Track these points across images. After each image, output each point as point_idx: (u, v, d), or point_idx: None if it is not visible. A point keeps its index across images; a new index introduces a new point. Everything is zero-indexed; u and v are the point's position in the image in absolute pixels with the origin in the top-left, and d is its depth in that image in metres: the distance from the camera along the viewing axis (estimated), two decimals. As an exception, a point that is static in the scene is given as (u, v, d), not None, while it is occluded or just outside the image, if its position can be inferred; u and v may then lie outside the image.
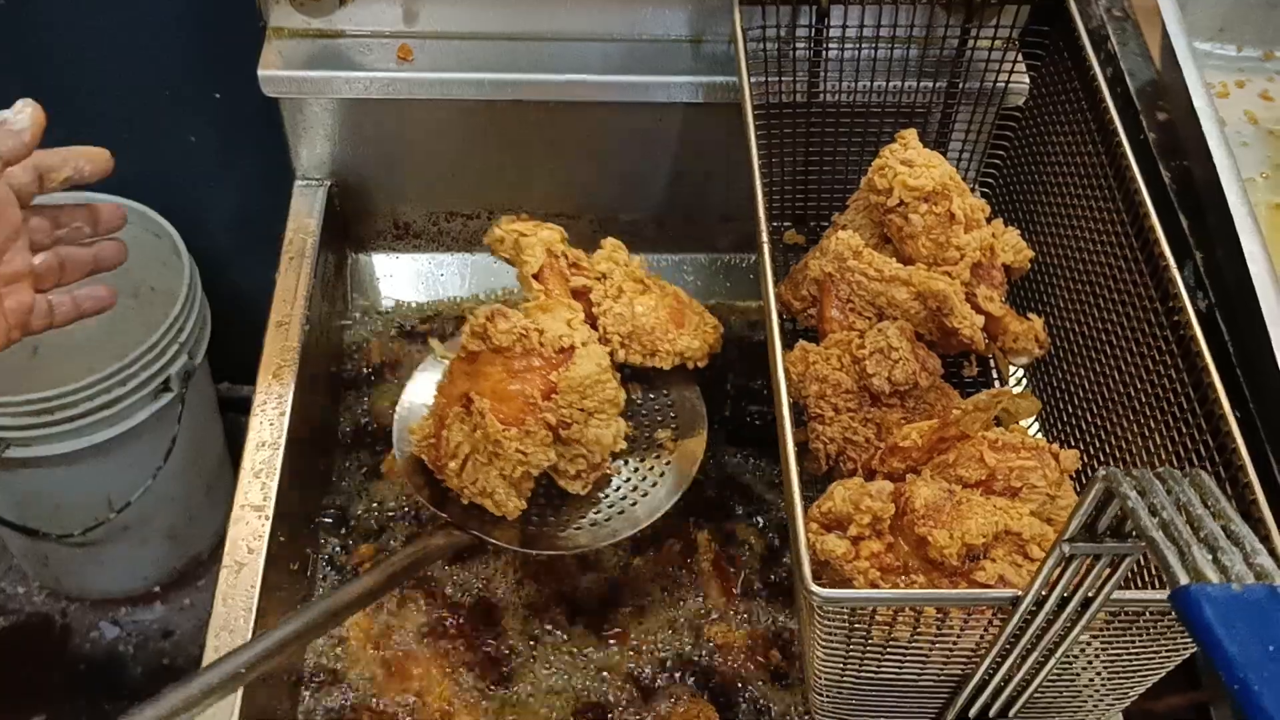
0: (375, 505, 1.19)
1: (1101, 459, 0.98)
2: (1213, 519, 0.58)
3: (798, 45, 1.13)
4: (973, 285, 1.02)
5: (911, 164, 1.03)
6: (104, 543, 1.81)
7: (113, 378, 1.52)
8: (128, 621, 2.02)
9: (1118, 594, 0.71)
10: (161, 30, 1.42)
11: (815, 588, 0.73)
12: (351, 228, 1.35)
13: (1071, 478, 0.91)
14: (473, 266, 1.38)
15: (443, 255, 1.39)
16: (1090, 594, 0.71)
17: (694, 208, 1.36)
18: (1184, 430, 0.87)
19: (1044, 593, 0.71)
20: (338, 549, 1.15)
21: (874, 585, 0.84)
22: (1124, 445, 0.96)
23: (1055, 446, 0.90)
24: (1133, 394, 0.95)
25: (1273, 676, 0.47)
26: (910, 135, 1.06)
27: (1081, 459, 0.95)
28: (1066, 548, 0.67)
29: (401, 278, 1.38)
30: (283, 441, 1.09)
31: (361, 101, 1.21)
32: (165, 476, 1.68)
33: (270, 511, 1.05)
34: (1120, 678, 0.85)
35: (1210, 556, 0.55)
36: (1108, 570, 0.69)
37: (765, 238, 0.91)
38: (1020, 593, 0.72)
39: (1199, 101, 1.19)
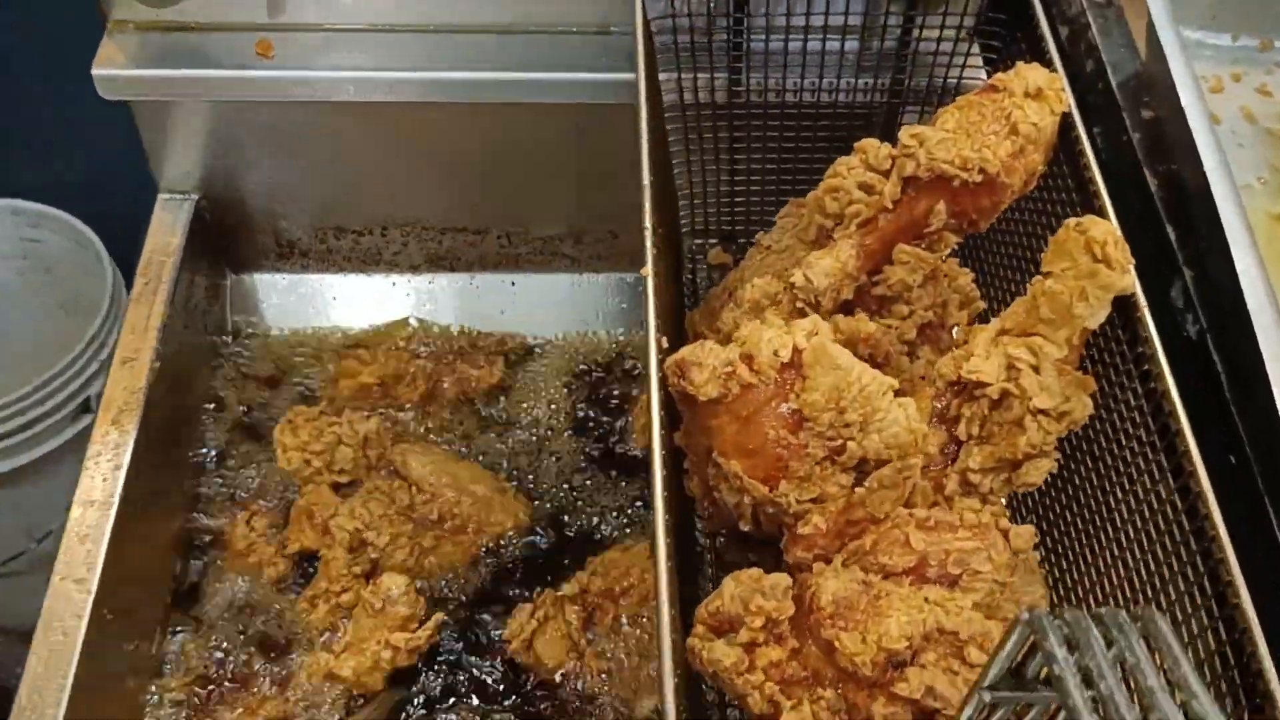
0: (230, 582, 1.03)
1: (1062, 533, 0.82)
2: (1158, 674, 0.43)
3: (717, 36, 0.97)
4: (916, 347, 0.87)
5: (872, 190, 0.87)
6: (26, 574, 1.67)
7: (29, 398, 1.40)
8: (56, 654, 1.90)
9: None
10: (72, 32, 1.27)
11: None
12: (229, 246, 1.20)
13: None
14: (367, 289, 1.23)
15: (333, 276, 1.23)
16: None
17: (619, 221, 1.20)
18: (1156, 494, 0.72)
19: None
20: (188, 631, 1.00)
21: (773, 703, 0.68)
22: (1087, 515, 0.80)
23: (1004, 522, 0.74)
24: (1099, 452, 0.79)
25: None
26: (870, 146, 0.89)
27: (1038, 535, 0.79)
28: (987, 695, 0.51)
29: (287, 302, 1.22)
30: (115, 501, 0.95)
31: (224, 104, 1.06)
32: (88, 505, 1.56)
33: (94, 585, 0.90)
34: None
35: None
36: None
37: (650, 263, 0.76)
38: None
39: (1186, 97, 1.05)
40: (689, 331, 0.99)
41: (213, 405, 1.13)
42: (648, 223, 0.77)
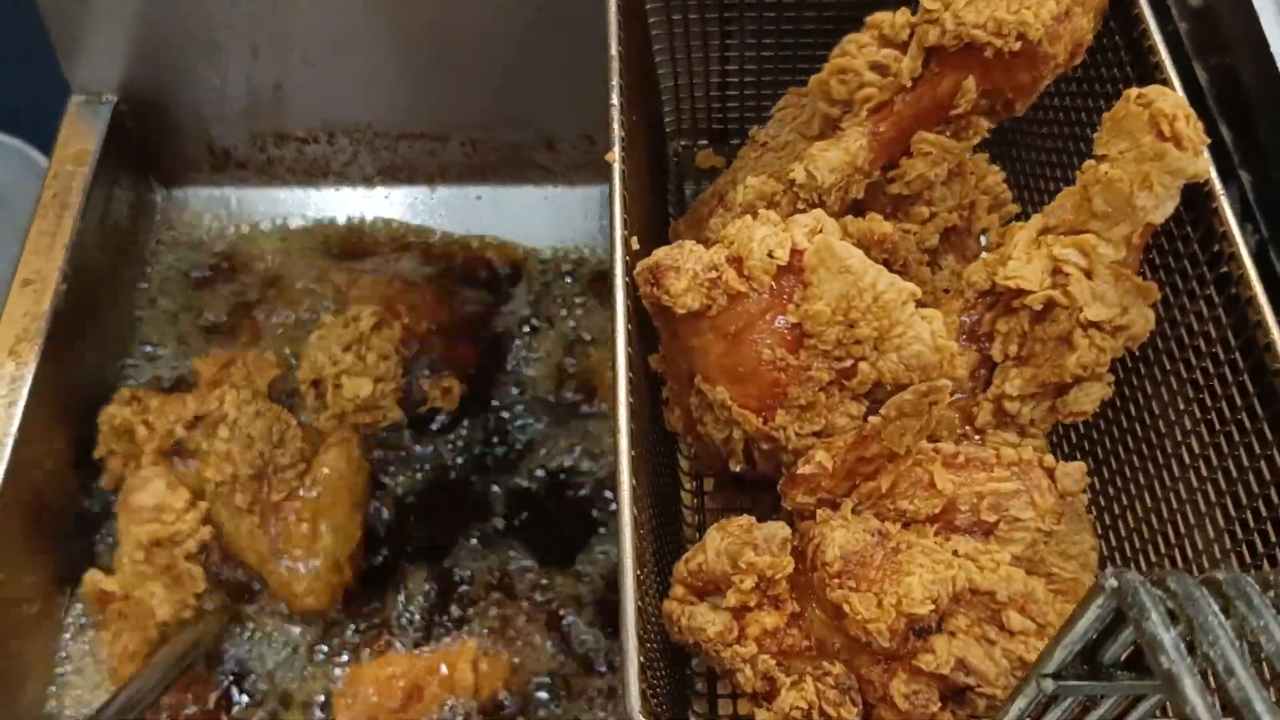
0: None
1: (1114, 472, 0.69)
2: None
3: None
4: (939, 256, 0.73)
5: (886, 72, 0.73)
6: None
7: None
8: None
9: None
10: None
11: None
12: (156, 157, 1.06)
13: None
14: (316, 203, 1.09)
15: (277, 190, 1.09)
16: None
17: (597, 125, 1.06)
18: (1237, 424, 0.59)
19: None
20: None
21: (768, 679, 0.56)
22: (1147, 450, 0.67)
23: (1049, 458, 0.61)
24: (1162, 375, 0.66)
25: None
26: (885, 19, 0.75)
27: (1092, 473, 0.66)
28: (1049, 684, 0.38)
29: (226, 218, 1.09)
30: (10, 442, 0.81)
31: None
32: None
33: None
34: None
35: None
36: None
37: (617, 146, 0.62)
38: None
39: (1252, -26, 0.93)
40: (672, 238, 0.86)
41: (132, 337, 1.00)
42: (614, 99, 0.64)
